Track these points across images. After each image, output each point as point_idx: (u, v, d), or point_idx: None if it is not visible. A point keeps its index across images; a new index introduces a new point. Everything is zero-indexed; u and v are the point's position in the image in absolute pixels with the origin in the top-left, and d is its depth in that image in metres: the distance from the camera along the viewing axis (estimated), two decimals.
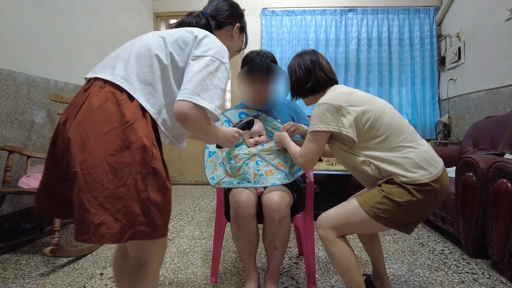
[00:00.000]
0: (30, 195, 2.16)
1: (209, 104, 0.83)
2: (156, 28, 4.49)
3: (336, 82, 1.32)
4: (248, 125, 1.40)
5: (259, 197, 1.45)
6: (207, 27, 1.04)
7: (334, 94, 1.20)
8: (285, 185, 1.45)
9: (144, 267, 0.86)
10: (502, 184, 1.60)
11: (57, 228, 1.77)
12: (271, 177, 1.44)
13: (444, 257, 1.90)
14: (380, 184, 1.13)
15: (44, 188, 0.86)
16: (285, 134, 1.45)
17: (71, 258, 1.87)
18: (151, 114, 0.82)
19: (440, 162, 1.14)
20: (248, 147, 1.57)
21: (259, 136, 1.56)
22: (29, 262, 1.83)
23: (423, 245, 2.09)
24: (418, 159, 1.10)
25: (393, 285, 1.55)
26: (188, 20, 1.06)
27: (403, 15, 4.07)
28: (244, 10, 4.38)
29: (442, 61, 3.95)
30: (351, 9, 4.13)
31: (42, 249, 1.74)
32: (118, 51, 0.91)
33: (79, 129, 0.76)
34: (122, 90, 0.81)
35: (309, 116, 1.49)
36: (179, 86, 0.86)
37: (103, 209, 0.73)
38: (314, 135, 1.19)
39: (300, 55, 1.34)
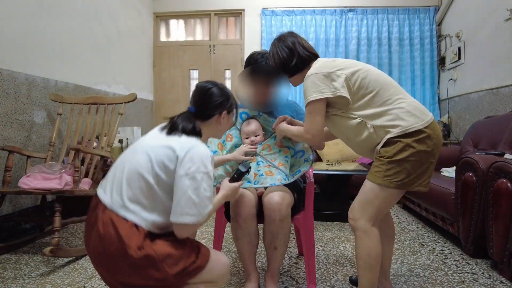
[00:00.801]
0: (30, 195, 2.17)
1: (197, 218, 0.99)
2: (156, 27, 4.50)
3: (318, 57, 1.35)
4: (247, 172, 1.31)
5: (260, 196, 1.45)
6: (193, 130, 1.13)
7: (319, 64, 1.25)
8: (285, 185, 1.44)
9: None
10: (502, 184, 1.60)
11: (57, 228, 1.77)
12: (271, 178, 1.44)
13: (444, 257, 1.90)
14: (379, 151, 1.16)
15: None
16: (281, 124, 1.46)
17: (71, 258, 1.87)
18: (144, 227, 0.98)
19: (429, 112, 1.18)
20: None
21: (255, 136, 1.56)
22: (29, 262, 1.83)
23: (423, 245, 2.09)
24: (410, 108, 1.15)
25: (393, 285, 1.55)
26: (178, 125, 1.11)
27: (403, 15, 4.08)
28: (244, 9, 4.36)
29: (442, 61, 3.95)
30: (351, 9, 4.13)
31: (42, 249, 1.74)
32: (114, 170, 1.07)
33: (95, 253, 1.00)
34: (117, 215, 0.99)
35: None
36: (167, 195, 1.01)
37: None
38: (311, 107, 1.22)
39: (279, 39, 1.37)
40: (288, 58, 1.32)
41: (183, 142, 1.05)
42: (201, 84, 1.22)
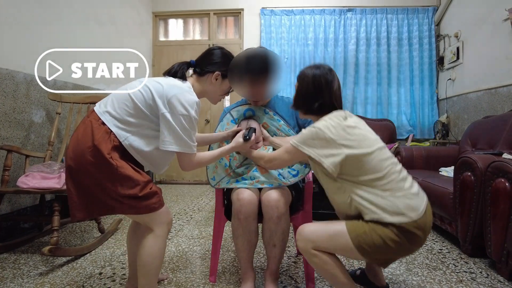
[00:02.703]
0: (28, 194, 2.16)
1: (182, 148, 1.18)
2: (155, 27, 4.49)
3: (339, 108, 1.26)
4: (253, 131, 1.42)
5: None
6: (182, 76, 1.30)
7: (332, 123, 1.14)
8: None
9: (151, 234, 1.20)
10: (500, 184, 1.60)
11: (55, 228, 1.76)
12: (266, 176, 1.44)
13: (442, 256, 1.90)
14: (368, 221, 1.09)
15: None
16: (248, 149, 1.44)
17: (70, 257, 1.87)
18: (118, 138, 1.14)
19: (419, 207, 1.08)
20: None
21: (256, 143, 1.55)
22: (28, 262, 1.82)
23: None
24: (399, 203, 1.06)
25: (391, 285, 1.55)
26: (175, 69, 1.31)
27: (402, 15, 4.08)
28: (243, 9, 4.35)
29: (440, 61, 3.96)
30: (350, 9, 4.13)
31: (40, 249, 1.74)
32: (114, 94, 1.23)
33: (71, 148, 1.14)
34: (99, 118, 1.16)
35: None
36: (148, 121, 1.18)
37: (91, 198, 1.13)
38: (294, 150, 1.18)
39: (318, 68, 1.25)
40: (312, 96, 1.23)
41: (172, 83, 1.21)
42: (211, 46, 1.39)
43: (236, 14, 4.43)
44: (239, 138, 1.38)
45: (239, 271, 1.70)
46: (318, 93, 1.22)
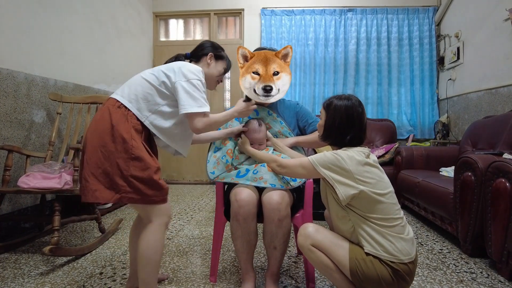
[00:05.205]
0: (29, 194, 2.16)
1: (201, 108, 1.27)
2: (156, 27, 4.49)
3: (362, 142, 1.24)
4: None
5: (260, 196, 1.45)
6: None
7: (355, 156, 1.13)
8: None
9: (149, 226, 1.24)
10: (500, 184, 1.60)
11: (56, 228, 1.77)
12: (270, 175, 1.44)
13: (442, 256, 1.90)
14: (368, 254, 1.10)
15: None
16: (249, 148, 1.51)
17: (71, 257, 1.87)
18: (138, 118, 1.25)
19: (413, 252, 1.11)
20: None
21: (259, 145, 1.56)
22: (28, 262, 1.83)
23: (422, 245, 2.09)
24: (398, 244, 1.08)
25: None
26: (172, 60, 1.45)
27: (402, 15, 4.08)
28: (243, 9, 4.37)
29: (441, 61, 3.96)
30: (351, 9, 4.13)
31: (41, 248, 1.74)
32: (128, 81, 1.34)
33: (89, 132, 1.23)
34: (116, 101, 1.25)
35: (318, 116, 1.50)
36: (164, 98, 1.29)
37: (98, 180, 1.18)
38: (310, 167, 1.17)
39: (349, 99, 1.21)
40: (343, 129, 1.19)
41: (176, 62, 1.35)
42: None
43: (237, 14, 4.43)
44: (240, 102, 1.46)
45: (240, 271, 1.70)
46: (351, 126, 1.19)
